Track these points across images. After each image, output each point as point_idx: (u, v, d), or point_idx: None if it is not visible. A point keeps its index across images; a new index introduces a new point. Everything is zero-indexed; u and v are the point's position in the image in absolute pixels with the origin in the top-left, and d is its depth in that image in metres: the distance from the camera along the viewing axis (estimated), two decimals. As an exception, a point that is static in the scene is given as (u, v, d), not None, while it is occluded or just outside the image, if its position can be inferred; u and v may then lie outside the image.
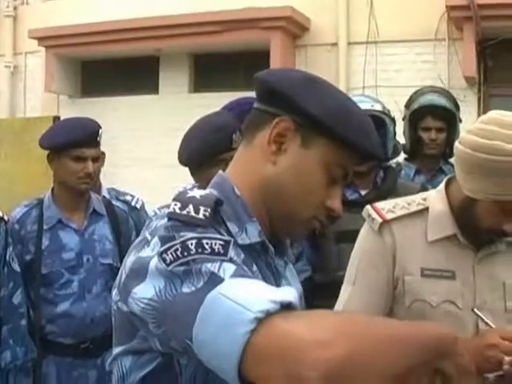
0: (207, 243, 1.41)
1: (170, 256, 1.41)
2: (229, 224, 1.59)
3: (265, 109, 1.64)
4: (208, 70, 11.81)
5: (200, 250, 1.40)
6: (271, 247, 1.65)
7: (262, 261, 1.63)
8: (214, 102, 5.47)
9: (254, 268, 1.58)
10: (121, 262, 3.70)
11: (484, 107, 9.80)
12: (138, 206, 4.28)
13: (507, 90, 10.42)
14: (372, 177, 4.01)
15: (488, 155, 2.16)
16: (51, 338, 3.65)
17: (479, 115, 2.49)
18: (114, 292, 1.58)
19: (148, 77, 11.84)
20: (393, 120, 4.13)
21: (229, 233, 1.57)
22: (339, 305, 2.47)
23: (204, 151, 3.02)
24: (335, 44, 10.88)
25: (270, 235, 1.67)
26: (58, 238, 3.69)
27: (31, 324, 3.62)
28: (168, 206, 1.70)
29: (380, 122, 4.01)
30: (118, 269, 3.67)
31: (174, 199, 1.53)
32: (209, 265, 1.38)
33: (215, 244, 1.41)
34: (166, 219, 1.50)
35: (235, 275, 1.38)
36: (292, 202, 1.62)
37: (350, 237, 2.61)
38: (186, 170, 3.27)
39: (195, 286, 1.37)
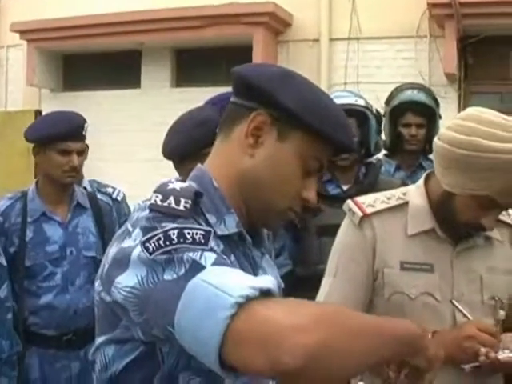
0: (189, 233, 1.45)
1: (153, 245, 1.45)
2: (208, 215, 1.62)
3: (242, 103, 1.68)
4: (190, 65, 11.81)
5: (182, 240, 1.44)
6: (248, 238, 1.69)
7: (239, 251, 1.68)
8: (196, 96, 5.49)
9: (232, 258, 1.62)
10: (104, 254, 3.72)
11: (464, 104, 9.86)
12: (119, 199, 4.30)
13: (487, 87, 10.50)
14: (354, 172, 4.05)
15: (466, 151, 2.20)
16: (34, 329, 3.67)
17: (459, 112, 2.55)
18: (97, 283, 1.61)
19: (130, 71, 11.84)
20: (376, 116, 4.16)
21: (208, 224, 1.61)
22: (320, 297, 2.50)
23: (188, 145, 3.05)
24: (317, 40, 10.91)
25: (248, 226, 1.71)
26: (42, 231, 3.71)
27: (15, 316, 3.63)
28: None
29: (363, 117, 4.05)
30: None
31: (155, 191, 1.56)
32: (190, 253, 1.43)
33: (196, 234, 1.45)
34: (147, 210, 1.53)
35: (216, 263, 1.43)
36: (268, 192, 1.67)
37: (332, 231, 2.65)
38: (169, 163, 3.29)
39: (177, 273, 1.41)
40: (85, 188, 4.44)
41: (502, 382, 2.53)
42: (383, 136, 4.72)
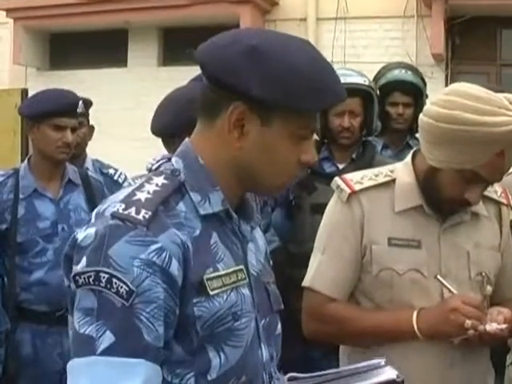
0: (115, 283, 1.48)
1: (82, 280, 1.51)
2: (191, 194, 1.63)
3: (215, 91, 1.64)
4: (177, 44, 11.79)
5: (108, 286, 1.48)
6: (234, 215, 1.69)
7: (227, 228, 1.68)
8: (183, 75, 5.47)
9: (213, 239, 1.63)
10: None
11: (451, 84, 9.89)
12: (121, 181, 4.33)
13: (474, 67, 10.55)
14: (351, 151, 4.06)
15: (449, 125, 2.22)
16: (26, 305, 3.68)
17: (446, 92, 2.59)
18: None
19: (117, 50, 11.82)
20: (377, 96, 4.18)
21: (191, 202, 1.62)
22: (309, 273, 2.53)
23: (177, 122, 3.06)
24: (304, 19, 10.92)
25: (236, 201, 1.72)
26: (34, 207, 3.72)
27: (4, 292, 3.66)
28: (141, 177, 1.78)
29: (369, 97, 4.07)
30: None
31: (121, 201, 1.58)
32: (93, 326, 1.48)
33: (121, 287, 1.48)
34: (109, 217, 1.55)
35: (108, 350, 1.46)
36: (267, 175, 1.67)
37: (325, 209, 2.66)
38: (156, 142, 3.31)
39: (79, 327, 1.49)
40: (87, 168, 4.52)
41: (489, 355, 2.57)
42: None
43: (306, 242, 3.72)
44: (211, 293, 1.58)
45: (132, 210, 1.54)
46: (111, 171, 4.58)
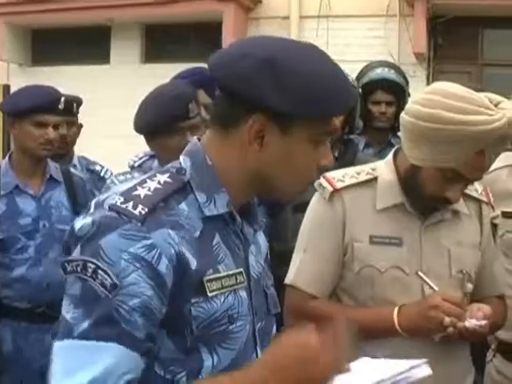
0: (101, 275, 1.50)
1: (70, 267, 1.55)
2: (197, 193, 1.64)
3: (231, 104, 1.63)
4: (160, 41, 11.78)
5: (94, 276, 1.51)
6: (238, 218, 1.70)
7: (230, 229, 1.69)
8: (166, 72, 5.47)
9: (215, 240, 1.64)
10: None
11: (433, 83, 9.93)
12: (107, 177, 4.34)
13: (456, 66, 10.60)
14: (333, 149, 4.06)
15: (430, 123, 2.24)
16: (7, 302, 3.67)
17: (428, 91, 2.63)
18: None
19: (99, 46, 11.79)
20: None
21: (196, 202, 1.63)
22: (291, 271, 2.54)
23: (160, 120, 3.07)
24: (287, 17, 10.93)
25: (243, 204, 1.72)
26: (15, 204, 3.71)
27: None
28: (124, 174, 1.78)
29: None
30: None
31: (121, 194, 1.59)
32: (75, 312, 1.51)
33: (106, 279, 1.50)
34: (106, 208, 1.57)
35: (83, 333, 1.49)
36: (286, 181, 1.68)
37: (307, 208, 2.67)
38: (138, 139, 3.31)
39: (64, 311, 1.54)
40: (74, 165, 4.56)
41: (469, 352, 2.59)
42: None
43: (289, 240, 3.73)
44: (210, 294, 1.59)
45: (129, 205, 1.55)
46: (97, 168, 4.67)
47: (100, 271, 1.50)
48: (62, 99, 3.77)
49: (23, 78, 10.61)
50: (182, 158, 1.70)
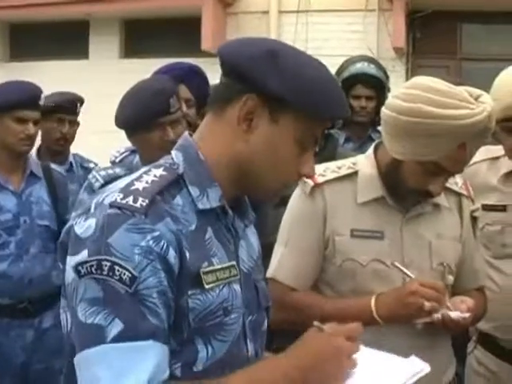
0: (118, 270, 1.51)
1: (84, 270, 1.53)
2: (190, 187, 1.66)
3: (231, 84, 1.67)
4: (139, 36, 11.75)
5: (111, 274, 1.51)
6: (230, 212, 1.72)
7: (221, 223, 1.71)
8: (145, 67, 5.47)
9: (208, 234, 1.66)
10: (58, 224, 3.71)
11: (412, 77, 9.95)
12: None
13: (435, 61, 10.63)
14: None
15: (410, 117, 2.25)
16: (-12, 298, 3.67)
17: (407, 85, 2.64)
18: None
19: (78, 41, 11.74)
20: None
21: (189, 196, 1.65)
22: (272, 265, 2.55)
23: (141, 115, 3.06)
24: (266, 12, 10.93)
25: (233, 198, 1.75)
26: None
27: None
28: (106, 169, 1.79)
29: None
30: (55, 231, 3.68)
31: (120, 191, 1.60)
32: (100, 315, 1.50)
33: (124, 274, 1.51)
34: (107, 206, 1.57)
35: (119, 336, 1.49)
36: (266, 175, 1.70)
37: (288, 202, 2.68)
38: (118, 134, 3.31)
39: (85, 318, 1.52)
40: (71, 162, 4.71)
41: (450, 343, 2.61)
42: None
43: (270, 234, 3.74)
44: (207, 286, 1.61)
45: (130, 199, 1.56)
46: (91, 165, 4.79)
47: (117, 267, 1.51)
48: (42, 95, 3.75)
49: (1, 74, 10.55)
50: (173, 152, 1.72)
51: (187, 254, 1.58)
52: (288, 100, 1.62)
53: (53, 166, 4.02)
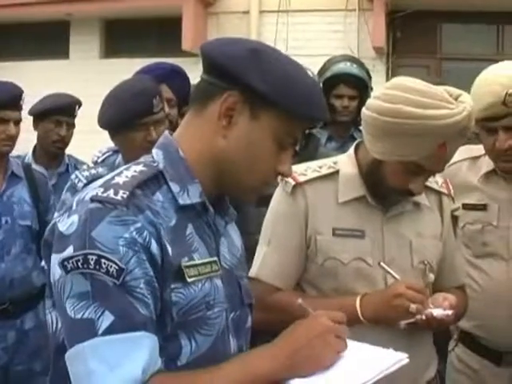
0: (104, 263, 1.52)
1: (71, 265, 1.54)
2: (171, 184, 1.68)
3: (213, 81, 1.69)
4: (119, 36, 11.73)
5: (97, 267, 1.52)
6: (211, 208, 1.74)
7: (202, 220, 1.73)
8: (125, 67, 5.47)
9: (188, 230, 1.68)
10: (39, 224, 3.71)
11: (392, 77, 9.91)
12: None
13: (415, 60, 10.69)
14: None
15: (391, 118, 2.26)
16: (-31, 299, 3.66)
17: (387, 85, 2.67)
18: None
19: (58, 41, 11.70)
20: None
21: (170, 192, 1.67)
22: (255, 265, 2.55)
23: (125, 115, 3.06)
24: (247, 12, 10.94)
25: (214, 196, 1.76)
26: None
27: None
28: (89, 169, 1.80)
29: None
30: (37, 231, 3.66)
31: (100, 186, 1.62)
32: (90, 309, 1.51)
33: (111, 267, 1.52)
34: (89, 201, 1.58)
35: (109, 329, 1.50)
36: (242, 171, 1.71)
37: (270, 201, 2.69)
38: (99, 135, 3.30)
39: (74, 314, 1.52)
40: (67, 164, 4.74)
41: (432, 341, 2.63)
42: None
43: (252, 234, 3.74)
44: (189, 280, 1.62)
45: (111, 192, 1.58)
46: (85, 167, 4.66)
47: (103, 260, 1.52)
48: (23, 95, 3.74)
49: (-19, 74, 10.51)
50: (154, 151, 1.74)
51: (169, 248, 1.60)
52: (270, 98, 1.63)
53: (33, 165, 4.02)
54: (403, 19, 10.49)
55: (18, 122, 3.76)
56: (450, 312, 2.34)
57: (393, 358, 1.72)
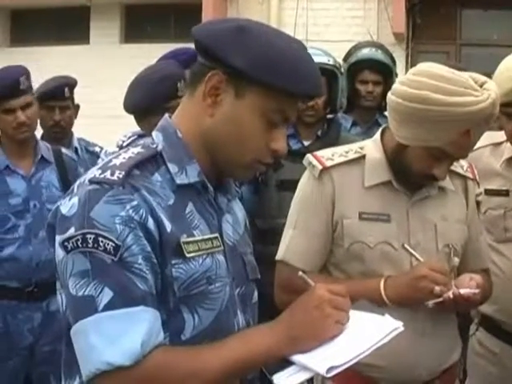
0: (102, 241, 1.58)
1: (71, 245, 1.60)
2: (169, 165, 1.73)
3: (202, 62, 1.74)
4: (139, 21, 11.75)
5: (96, 246, 1.58)
6: (210, 187, 1.78)
7: (204, 199, 1.78)
8: (145, 53, 5.50)
9: (188, 209, 1.72)
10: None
11: (412, 63, 9.98)
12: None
13: (434, 46, 10.64)
14: (317, 128, 4.12)
15: (417, 104, 2.29)
16: (-4, 281, 3.71)
17: (407, 71, 2.66)
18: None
19: (79, 27, 11.73)
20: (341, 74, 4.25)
21: (168, 173, 1.71)
22: (281, 247, 2.59)
23: (150, 99, 3.10)
24: (267, -3, 10.91)
25: (214, 175, 1.80)
26: (5, 184, 3.73)
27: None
28: (113, 153, 1.85)
29: (334, 76, 4.14)
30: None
31: (98, 168, 1.68)
32: (91, 286, 1.57)
33: (108, 244, 1.58)
34: (87, 183, 1.64)
35: (109, 305, 1.56)
36: (231, 149, 1.74)
37: (292, 186, 2.71)
38: (121, 119, 3.34)
39: (76, 292, 1.59)
40: (75, 147, 4.68)
41: (457, 325, 2.67)
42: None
43: (273, 218, 3.77)
44: (188, 255, 1.67)
45: (107, 173, 1.64)
46: (97, 149, 4.78)
47: (100, 238, 1.57)
48: (22, 78, 3.72)
49: (2, 59, 10.48)
50: (154, 133, 1.79)
51: (168, 226, 1.64)
52: (249, 74, 1.65)
53: (64, 150, 4.05)
54: (423, 5, 10.46)
55: (24, 106, 3.75)
56: (477, 290, 2.37)
57: (388, 328, 1.74)
